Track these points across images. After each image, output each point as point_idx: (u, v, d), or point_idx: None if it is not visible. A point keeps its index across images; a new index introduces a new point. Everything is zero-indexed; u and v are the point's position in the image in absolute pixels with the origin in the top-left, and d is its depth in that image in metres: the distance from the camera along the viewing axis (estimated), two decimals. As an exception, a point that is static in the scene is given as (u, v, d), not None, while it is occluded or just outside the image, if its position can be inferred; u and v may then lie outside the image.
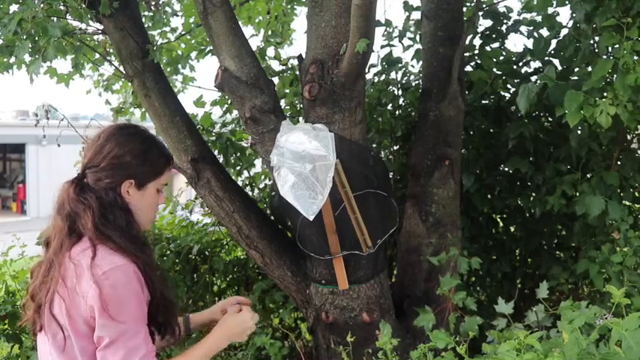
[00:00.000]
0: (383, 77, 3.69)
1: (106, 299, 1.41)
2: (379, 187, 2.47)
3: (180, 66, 4.02)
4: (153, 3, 3.30)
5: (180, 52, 4.06)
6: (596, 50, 2.70)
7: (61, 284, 1.46)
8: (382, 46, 3.66)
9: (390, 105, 3.68)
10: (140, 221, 1.59)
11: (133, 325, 1.44)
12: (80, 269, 1.45)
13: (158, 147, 1.64)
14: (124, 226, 1.52)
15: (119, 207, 1.53)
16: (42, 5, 2.47)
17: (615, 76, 2.41)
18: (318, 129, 2.27)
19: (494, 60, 3.49)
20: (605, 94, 2.43)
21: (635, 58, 2.38)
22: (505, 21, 3.50)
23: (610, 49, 2.57)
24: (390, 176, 3.50)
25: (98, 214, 1.49)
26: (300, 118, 3.27)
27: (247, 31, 6.14)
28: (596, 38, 2.69)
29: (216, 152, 3.40)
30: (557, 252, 3.58)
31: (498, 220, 3.66)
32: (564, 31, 3.16)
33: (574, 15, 2.86)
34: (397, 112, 3.65)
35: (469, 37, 3.32)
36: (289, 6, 4.24)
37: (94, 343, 1.45)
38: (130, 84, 3.91)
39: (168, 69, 3.97)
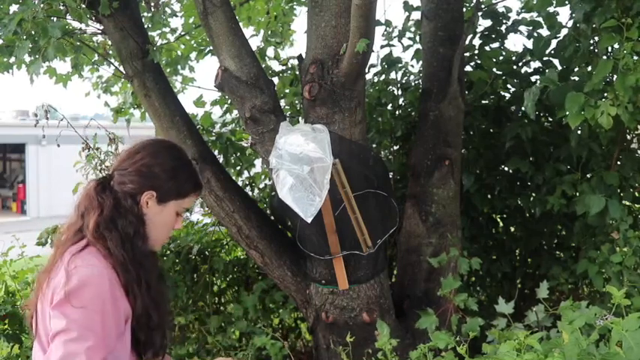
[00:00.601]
0: (383, 77, 3.69)
1: (68, 291, 1.33)
2: (379, 187, 2.47)
3: (179, 66, 4.02)
4: (152, 3, 3.30)
5: (179, 53, 4.06)
6: (596, 51, 2.70)
7: (47, 280, 1.43)
8: (382, 46, 3.67)
9: (390, 105, 3.68)
10: (151, 237, 1.55)
11: (83, 330, 1.32)
12: (61, 264, 1.42)
13: (190, 170, 1.61)
14: (131, 235, 1.49)
15: (134, 215, 1.51)
16: (42, 5, 2.48)
17: (615, 76, 2.41)
18: (318, 130, 2.27)
19: (494, 60, 3.49)
20: (605, 94, 2.43)
21: (636, 58, 2.38)
22: (504, 21, 3.50)
23: (610, 49, 2.57)
24: (390, 176, 3.51)
25: (106, 216, 1.48)
26: (300, 118, 3.27)
27: (247, 31, 6.15)
28: (596, 38, 2.69)
29: (216, 152, 3.40)
30: (557, 252, 3.58)
31: (498, 220, 3.66)
32: (564, 31, 3.16)
33: (573, 15, 2.86)
34: (397, 112, 3.65)
35: (469, 37, 3.32)
36: (288, 6, 4.24)
37: None
38: (129, 84, 3.92)
39: (168, 70, 3.97)
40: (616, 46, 2.49)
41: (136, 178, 1.53)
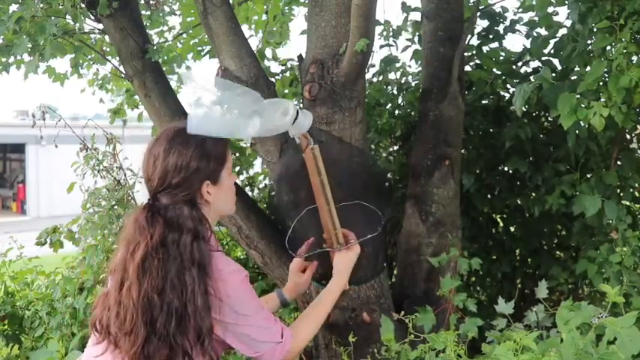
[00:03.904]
0: (381, 77, 3.69)
1: None
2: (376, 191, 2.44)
3: (175, 65, 4.02)
4: (152, 2, 3.30)
5: (176, 53, 4.06)
6: (591, 53, 2.70)
7: None
8: (381, 46, 3.67)
9: (390, 105, 3.68)
10: (224, 210, 1.63)
11: None
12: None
13: (206, 136, 1.57)
14: (190, 242, 1.46)
15: (192, 219, 1.50)
16: (41, 5, 2.48)
17: (608, 77, 2.42)
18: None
19: (494, 60, 3.49)
20: (600, 94, 2.43)
21: (634, 59, 2.38)
22: (502, 21, 3.50)
23: (606, 49, 2.57)
24: (390, 176, 3.50)
25: (153, 245, 1.44)
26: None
27: (245, 32, 6.14)
28: (594, 38, 2.69)
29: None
30: (557, 252, 3.58)
31: (498, 220, 3.66)
32: (564, 31, 3.17)
33: (569, 16, 2.86)
34: (396, 112, 3.65)
35: (468, 37, 3.32)
36: (287, 7, 4.24)
37: None
38: (124, 84, 3.92)
39: (164, 68, 3.97)
40: (609, 47, 2.50)
41: (186, 185, 1.51)
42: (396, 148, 3.66)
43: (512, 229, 3.64)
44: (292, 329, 1.67)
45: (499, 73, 3.49)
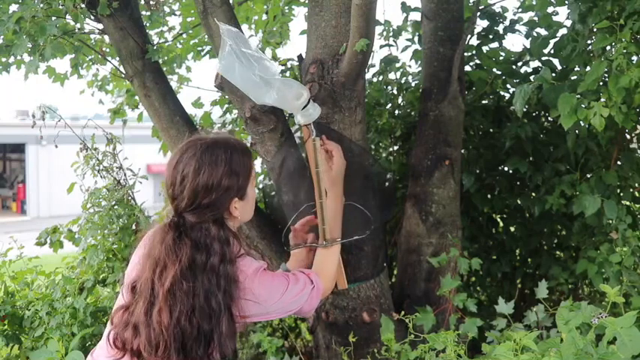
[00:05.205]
0: (381, 77, 3.69)
1: None
2: (377, 190, 2.44)
3: (175, 65, 4.02)
4: (152, 2, 3.30)
5: (177, 53, 4.06)
6: (591, 53, 2.70)
7: None
8: (381, 46, 3.67)
9: (390, 105, 3.68)
10: (245, 219, 1.64)
11: None
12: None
13: (233, 150, 1.57)
14: (217, 264, 1.48)
15: (220, 240, 1.51)
16: (41, 5, 2.48)
17: (608, 77, 2.42)
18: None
19: (494, 60, 3.49)
20: (600, 94, 2.43)
21: (634, 59, 2.38)
22: (501, 21, 3.50)
23: (606, 49, 2.57)
24: (389, 176, 3.50)
25: (182, 270, 1.45)
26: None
27: (245, 32, 6.15)
28: (594, 38, 2.69)
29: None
30: (557, 252, 3.58)
31: (498, 220, 3.66)
32: (564, 31, 3.16)
33: (569, 16, 2.86)
34: (396, 112, 3.65)
35: (468, 37, 3.32)
36: (287, 7, 4.24)
37: None
38: (124, 84, 3.92)
39: (165, 68, 3.98)
40: (609, 47, 2.50)
41: (217, 204, 1.51)
42: (396, 148, 3.66)
43: (512, 229, 3.64)
44: (315, 270, 1.81)
45: (499, 73, 3.49)
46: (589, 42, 2.75)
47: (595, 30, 2.62)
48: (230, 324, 1.49)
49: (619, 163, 3.04)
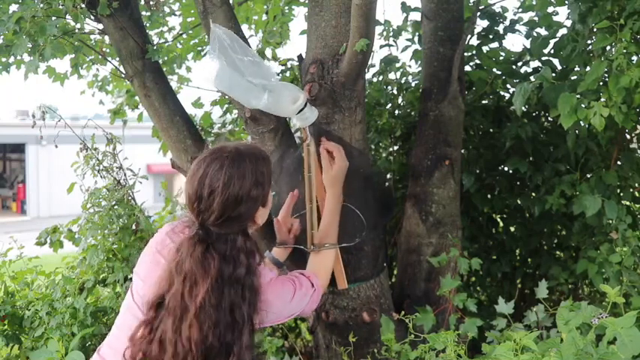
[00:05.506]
0: (381, 77, 3.69)
1: None
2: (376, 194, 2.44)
3: (175, 65, 4.02)
4: (152, 3, 3.30)
5: (176, 53, 4.06)
6: (591, 53, 2.70)
7: None
8: (381, 46, 3.67)
9: (390, 105, 3.68)
10: (261, 223, 1.65)
11: None
12: None
13: (257, 160, 1.57)
14: (242, 276, 1.49)
15: (245, 251, 1.52)
16: (41, 5, 2.48)
17: (608, 77, 2.42)
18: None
19: (494, 60, 3.49)
20: (600, 94, 2.43)
21: (634, 59, 2.38)
22: (501, 21, 3.50)
23: (606, 49, 2.57)
24: (389, 176, 3.50)
25: (212, 285, 1.45)
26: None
27: (245, 32, 6.16)
28: (594, 38, 2.69)
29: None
30: (557, 252, 3.58)
31: (498, 220, 3.66)
32: (564, 31, 3.16)
33: (569, 16, 2.86)
34: (396, 112, 3.65)
35: (468, 37, 3.32)
36: (287, 7, 4.25)
37: None
38: (124, 84, 3.92)
39: (165, 69, 3.98)
40: (609, 47, 2.50)
41: (245, 216, 1.53)
42: (396, 148, 3.66)
43: (512, 229, 3.64)
44: (312, 271, 1.86)
45: (499, 73, 3.49)
46: (589, 42, 2.75)
47: (595, 30, 2.62)
48: (251, 335, 1.50)
49: (619, 163, 3.04)
